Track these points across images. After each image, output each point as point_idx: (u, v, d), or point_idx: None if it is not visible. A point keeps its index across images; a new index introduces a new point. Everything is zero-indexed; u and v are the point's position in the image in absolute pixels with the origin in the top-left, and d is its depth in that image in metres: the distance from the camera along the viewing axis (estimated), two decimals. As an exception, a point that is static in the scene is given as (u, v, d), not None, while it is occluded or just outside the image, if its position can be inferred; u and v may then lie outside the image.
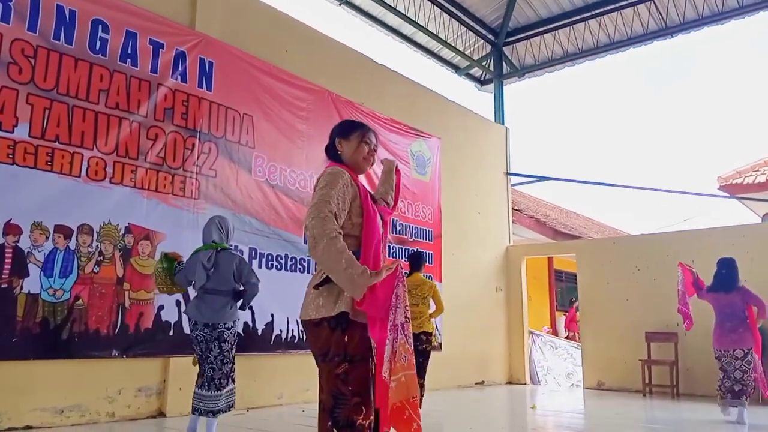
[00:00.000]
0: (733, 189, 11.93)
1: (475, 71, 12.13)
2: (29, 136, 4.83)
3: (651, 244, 9.52)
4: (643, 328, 8.95)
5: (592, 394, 9.01)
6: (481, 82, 12.33)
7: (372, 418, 2.23)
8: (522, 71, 11.88)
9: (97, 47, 5.35)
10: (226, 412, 4.46)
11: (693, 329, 8.59)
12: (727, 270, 6.31)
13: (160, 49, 5.81)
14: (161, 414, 5.45)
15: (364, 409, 2.19)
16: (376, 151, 2.56)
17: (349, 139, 2.55)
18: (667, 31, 10.44)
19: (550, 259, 16.53)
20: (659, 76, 44.36)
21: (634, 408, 7.21)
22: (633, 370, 8.87)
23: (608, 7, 10.58)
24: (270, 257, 6.61)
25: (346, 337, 2.24)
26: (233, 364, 4.50)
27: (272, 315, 6.51)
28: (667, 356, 8.61)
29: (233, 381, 4.51)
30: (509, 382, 10.19)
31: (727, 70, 43.15)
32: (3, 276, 4.62)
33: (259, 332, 6.38)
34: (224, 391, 4.41)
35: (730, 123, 42.78)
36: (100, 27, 5.39)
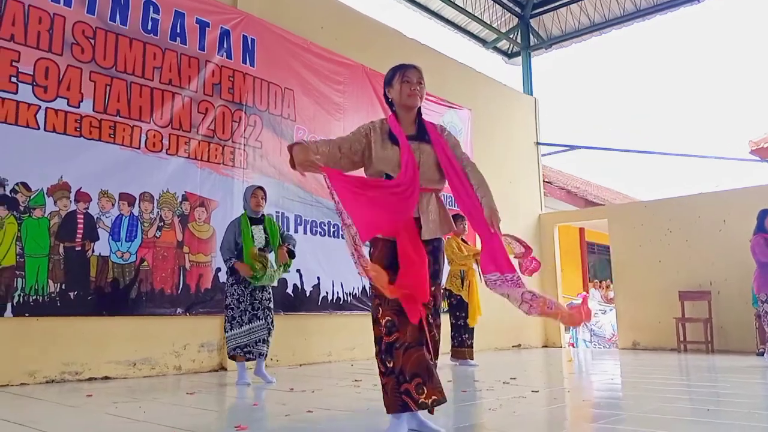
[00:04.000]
0: (765, 153, 11.95)
1: (503, 44, 12.28)
2: (93, 110, 5.23)
3: (682, 206, 9.64)
4: (676, 288, 9.10)
5: (628, 352, 9.21)
6: (509, 55, 12.47)
7: (388, 318, 2.63)
8: (549, 42, 11.99)
9: (149, 27, 5.71)
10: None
11: (727, 286, 8.79)
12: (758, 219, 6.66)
13: (206, 28, 6.15)
14: (222, 368, 5.85)
15: (380, 309, 2.66)
16: (420, 83, 2.81)
17: (392, 85, 2.82)
18: (694, -5, 10.47)
19: (581, 231, 16.64)
20: (687, 41, 43.59)
21: (670, 360, 7.43)
22: (667, 330, 9.04)
23: (634, -26, 10.65)
24: (314, 224, 6.96)
25: (372, 250, 2.77)
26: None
27: (318, 278, 6.87)
28: (701, 315, 8.77)
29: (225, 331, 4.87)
30: (545, 346, 10.44)
31: (757, 32, 42.23)
32: (77, 239, 5.04)
33: (308, 294, 6.75)
34: None
35: (761, 86, 41.91)
36: (151, 8, 5.75)
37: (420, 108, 2.87)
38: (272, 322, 4.86)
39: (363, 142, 2.79)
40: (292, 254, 4.95)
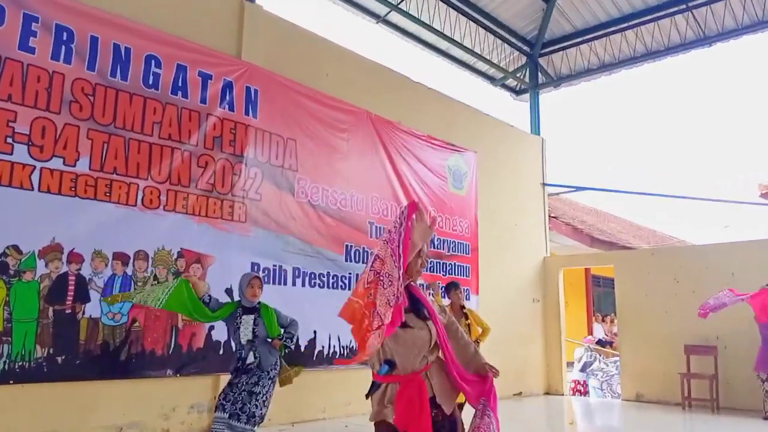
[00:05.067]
0: (776, 197, 11.78)
1: (511, 81, 12.18)
2: (89, 169, 5.14)
3: (690, 256, 9.49)
4: (682, 340, 8.91)
5: (631, 406, 9.03)
6: (517, 92, 12.37)
7: None
8: (558, 81, 11.89)
9: (150, 82, 5.64)
10: None
11: (734, 342, 8.58)
12: None
13: (209, 80, 6.08)
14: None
15: None
16: (427, 252, 2.78)
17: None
18: (705, 40, 10.34)
19: (587, 265, 16.45)
20: (699, 83, 43.56)
21: (675, 422, 7.24)
22: (672, 383, 8.84)
23: (645, 18, 10.53)
24: (313, 275, 6.84)
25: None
26: None
27: (314, 332, 6.74)
28: (707, 370, 8.57)
29: None
30: (547, 393, 10.25)
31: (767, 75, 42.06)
32: (67, 302, 4.94)
33: (302, 348, 6.62)
34: None
35: (771, 130, 41.64)
36: (152, 62, 5.68)
37: None
38: (246, 409, 4.49)
39: None
40: (287, 345, 4.82)
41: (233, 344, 4.76)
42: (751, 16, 9.87)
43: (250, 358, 4.57)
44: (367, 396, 2.68)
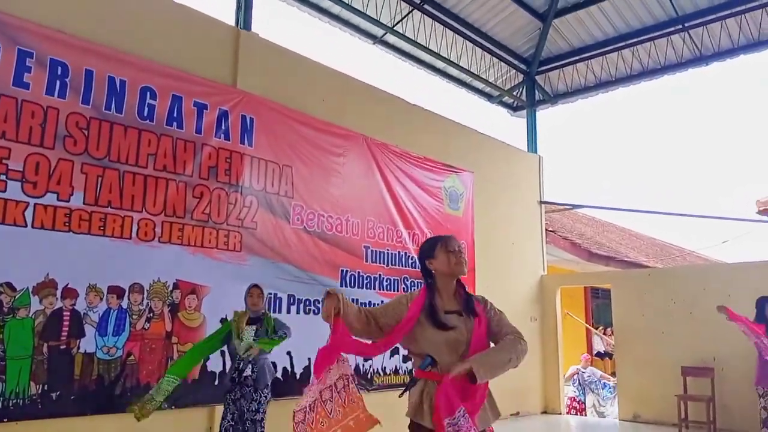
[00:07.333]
0: (773, 213, 11.78)
1: (508, 99, 12.20)
2: (83, 203, 5.15)
3: (687, 277, 9.48)
4: (679, 362, 8.90)
5: (628, 427, 9.01)
6: (514, 108, 12.39)
7: None
8: (555, 98, 11.90)
9: (145, 113, 5.65)
10: None
11: (730, 365, 8.58)
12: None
13: (204, 110, 6.09)
14: (207, 461, 5.71)
15: None
16: (461, 250, 2.79)
17: (435, 255, 2.80)
18: (701, 59, 10.35)
19: (585, 277, 16.43)
20: (695, 101, 43.79)
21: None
22: (669, 404, 8.82)
23: (641, 38, 10.55)
24: (308, 302, 6.83)
25: None
26: None
27: (309, 359, 6.72)
28: (704, 391, 8.56)
29: None
30: (544, 412, 10.24)
31: (764, 92, 42.25)
32: (62, 338, 4.94)
33: (297, 376, 6.61)
34: None
35: (769, 146, 41.88)
36: (148, 94, 5.69)
37: (460, 280, 2.83)
38: None
39: (396, 319, 2.71)
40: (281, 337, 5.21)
41: (230, 359, 5.15)
42: (746, 36, 9.89)
43: (247, 371, 4.89)
44: (403, 392, 2.67)
